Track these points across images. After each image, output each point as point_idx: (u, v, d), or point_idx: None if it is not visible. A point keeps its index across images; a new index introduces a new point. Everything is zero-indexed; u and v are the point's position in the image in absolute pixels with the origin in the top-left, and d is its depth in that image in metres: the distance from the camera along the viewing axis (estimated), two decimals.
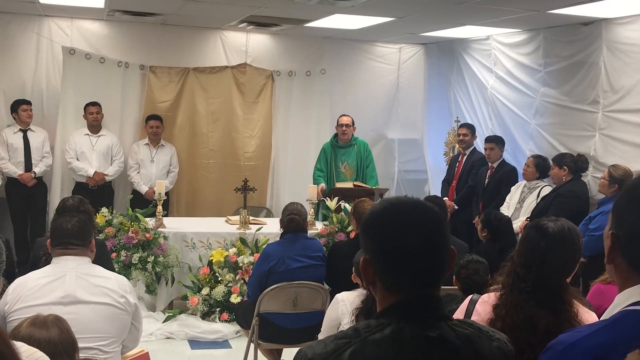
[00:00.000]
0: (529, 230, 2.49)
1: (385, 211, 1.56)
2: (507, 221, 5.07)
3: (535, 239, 2.43)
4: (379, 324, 1.48)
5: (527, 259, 2.42)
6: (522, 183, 6.55)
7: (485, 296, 2.60)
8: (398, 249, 1.50)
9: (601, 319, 1.52)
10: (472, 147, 7.45)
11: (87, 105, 7.30)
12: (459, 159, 7.52)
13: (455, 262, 3.90)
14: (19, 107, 7.10)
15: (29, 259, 4.32)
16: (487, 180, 7.01)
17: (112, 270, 3.81)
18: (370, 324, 1.49)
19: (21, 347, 1.92)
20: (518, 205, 6.39)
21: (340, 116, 7.49)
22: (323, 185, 7.12)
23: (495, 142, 6.99)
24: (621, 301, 1.48)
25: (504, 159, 7.00)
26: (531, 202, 6.26)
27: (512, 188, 6.61)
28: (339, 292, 3.61)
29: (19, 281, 3.01)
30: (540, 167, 6.36)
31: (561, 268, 2.41)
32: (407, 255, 1.49)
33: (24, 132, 7.15)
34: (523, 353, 2.28)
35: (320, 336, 3.57)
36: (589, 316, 2.43)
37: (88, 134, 7.33)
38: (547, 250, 2.40)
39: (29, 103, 7.19)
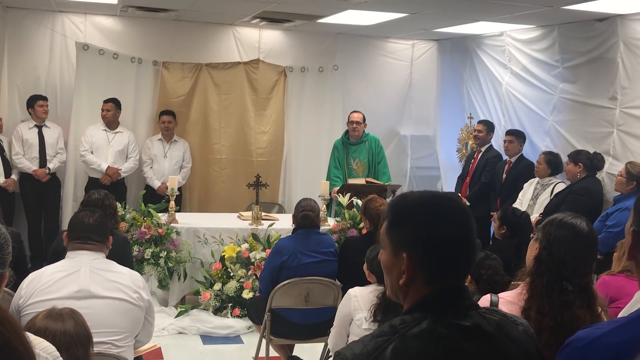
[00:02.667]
0: (561, 229, 2.42)
1: (428, 201, 1.57)
2: (526, 217, 5.02)
3: (573, 238, 2.39)
4: (414, 319, 1.48)
5: (568, 259, 2.37)
6: (535, 180, 6.50)
7: (506, 296, 2.54)
8: (447, 239, 1.51)
9: (620, 315, 1.51)
10: (489, 145, 7.40)
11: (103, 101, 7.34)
12: (475, 156, 7.49)
13: None
14: (36, 103, 7.13)
15: (50, 249, 4.34)
16: (504, 175, 6.95)
17: (131, 264, 3.84)
18: (405, 319, 1.49)
19: (28, 336, 1.94)
20: (531, 202, 6.35)
21: (351, 113, 7.47)
22: (337, 188, 7.04)
23: (516, 135, 6.92)
24: None
25: (522, 154, 6.93)
26: (545, 199, 6.22)
27: (525, 185, 6.57)
28: (350, 288, 3.59)
29: (33, 275, 3.04)
30: (552, 163, 6.31)
31: (593, 265, 2.40)
32: (455, 245, 1.52)
33: (39, 127, 7.19)
34: None
35: (332, 331, 3.56)
36: (604, 312, 2.42)
37: (105, 130, 7.35)
38: (586, 249, 2.38)
39: (45, 99, 7.22)
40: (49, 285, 2.95)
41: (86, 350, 2.34)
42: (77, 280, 2.98)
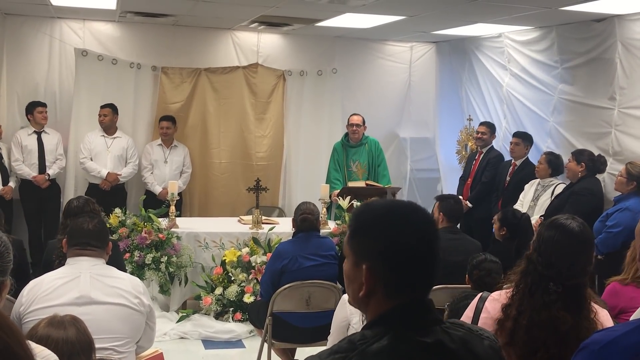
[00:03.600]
0: (550, 229, 2.44)
1: (390, 211, 1.50)
2: (527, 218, 5.01)
3: (560, 238, 2.39)
4: (375, 334, 1.43)
5: (553, 259, 2.37)
6: (535, 181, 6.48)
7: (495, 294, 2.58)
8: (408, 251, 1.45)
9: (632, 317, 1.50)
10: (490, 146, 7.37)
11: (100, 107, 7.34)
12: (476, 157, 7.46)
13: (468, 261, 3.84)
14: (35, 109, 7.14)
15: (42, 261, 4.34)
16: (508, 177, 6.89)
17: (124, 271, 3.83)
18: (366, 335, 1.44)
19: (29, 343, 1.94)
20: (532, 203, 6.34)
21: (351, 115, 7.47)
22: (337, 192, 7.03)
23: (522, 138, 6.84)
24: None
25: (528, 158, 6.85)
26: (545, 200, 6.21)
27: (526, 186, 6.55)
28: None
29: (34, 283, 3.03)
30: (552, 164, 6.30)
31: (586, 267, 2.40)
32: (417, 257, 1.45)
33: (38, 134, 7.19)
34: (536, 352, 2.25)
35: (330, 337, 3.56)
36: (604, 315, 2.41)
37: (104, 135, 7.35)
38: (574, 250, 2.37)
39: (44, 105, 7.23)
40: (49, 292, 2.95)
41: (88, 357, 2.34)
42: (78, 287, 2.98)
